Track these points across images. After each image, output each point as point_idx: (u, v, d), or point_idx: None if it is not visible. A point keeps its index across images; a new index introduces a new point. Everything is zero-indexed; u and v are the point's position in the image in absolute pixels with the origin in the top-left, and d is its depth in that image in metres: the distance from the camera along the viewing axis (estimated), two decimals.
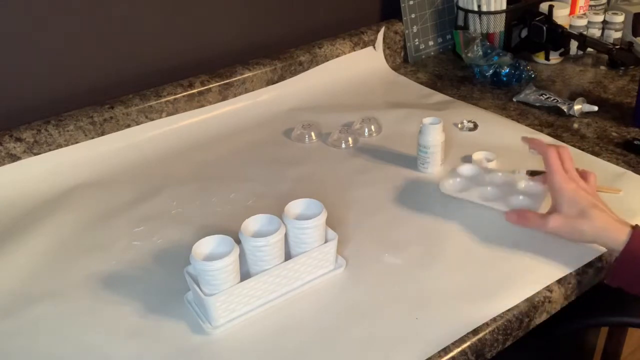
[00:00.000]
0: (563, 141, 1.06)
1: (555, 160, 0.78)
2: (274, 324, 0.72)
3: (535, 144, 0.81)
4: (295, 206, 0.78)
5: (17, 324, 0.74)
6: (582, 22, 1.36)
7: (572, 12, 1.38)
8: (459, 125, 1.11)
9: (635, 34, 1.38)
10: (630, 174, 0.96)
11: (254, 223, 0.75)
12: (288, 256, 0.76)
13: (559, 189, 0.76)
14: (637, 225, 0.73)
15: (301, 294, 0.76)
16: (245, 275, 0.73)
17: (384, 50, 1.37)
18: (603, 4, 1.44)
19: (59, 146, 1.04)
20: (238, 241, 0.72)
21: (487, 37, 1.37)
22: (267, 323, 0.72)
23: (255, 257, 0.73)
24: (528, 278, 0.77)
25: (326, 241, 0.77)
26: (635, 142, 1.03)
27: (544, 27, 1.31)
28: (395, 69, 1.37)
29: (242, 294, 0.72)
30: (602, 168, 0.98)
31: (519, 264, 0.79)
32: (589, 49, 1.36)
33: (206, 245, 0.72)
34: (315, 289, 0.77)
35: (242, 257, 0.74)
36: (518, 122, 1.13)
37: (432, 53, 1.44)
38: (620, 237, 0.72)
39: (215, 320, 0.71)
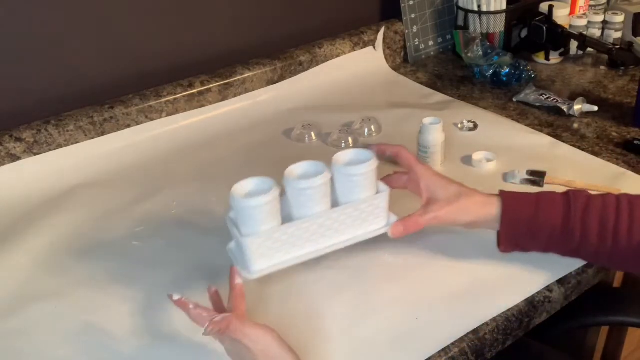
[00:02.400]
0: (563, 141, 1.06)
1: (410, 154, 0.76)
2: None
3: (381, 148, 0.76)
4: (344, 155, 0.72)
5: (17, 324, 0.75)
6: (582, 22, 1.36)
7: (572, 12, 1.38)
8: (459, 125, 1.11)
9: (635, 34, 1.38)
10: (630, 174, 0.96)
11: (299, 169, 0.70)
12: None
13: (430, 178, 0.74)
14: (500, 190, 0.75)
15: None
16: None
17: (384, 50, 1.37)
18: (603, 4, 1.44)
19: (59, 146, 1.04)
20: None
21: (487, 37, 1.37)
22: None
23: (298, 202, 0.69)
24: (528, 278, 0.77)
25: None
26: (635, 142, 1.03)
27: (544, 27, 1.31)
28: (395, 69, 1.37)
29: (281, 239, 0.69)
30: (602, 168, 0.98)
31: (519, 263, 0.79)
32: (589, 49, 1.36)
33: (246, 185, 0.69)
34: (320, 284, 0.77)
35: (286, 206, 0.70)
36: (518, 122, 1.13)
37: (432, 53, 1.44)
38: (494, 206, 0.73)
39: (253, 263, 0.68)
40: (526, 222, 0.72)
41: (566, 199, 0.72)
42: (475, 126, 1.11)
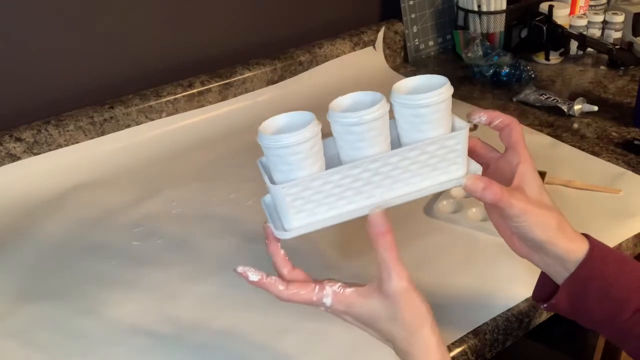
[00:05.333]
0: (563, 141, 1.06)
1: (522, 132, 0.63)
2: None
3: (492, 114, 0.64)
4: (408, 82, 0.56)
5: (16, 324, 0.75)
6: (582, 22, 1.36)
7: (572, 12, 1.38)
8: None
9: (635, 34, 1.38)
10: (630, 174, 0.96)
11: (348, 100, 0.56)
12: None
13: (532, 169, 0.60)
14: (589, 236, 0.60)
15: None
16: None
17: (384, 50, 1.37)
18: (603, 4, 1.43)
19: (59, 146, 1.04)
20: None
21: (487, 37, 1.37)
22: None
23: (345, 143, 0.54)
24: (528, 278, 0.77)
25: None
26: (635, 142, 1.03)
27: (544, 27, 1.31)
28: (395, 69, 1.37)
29: (323, 189, 0.54)
30: (602, 168, 0.98)
31: (519, 263, 0.79)
32: (589, 49, 1.36)
33: (278, 121, 0.56)
34: None
35: (331, 149, 0.56)
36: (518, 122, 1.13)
37: (432, 53, 1.44)
38: (578, 248, 0.58)
39: (287, 219, 0.55)
40: (603, 280, 0.57)
41: None
42: (475, 126, 1.11)
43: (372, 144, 0.54)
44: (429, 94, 0.53)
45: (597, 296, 0.58)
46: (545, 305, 0.62)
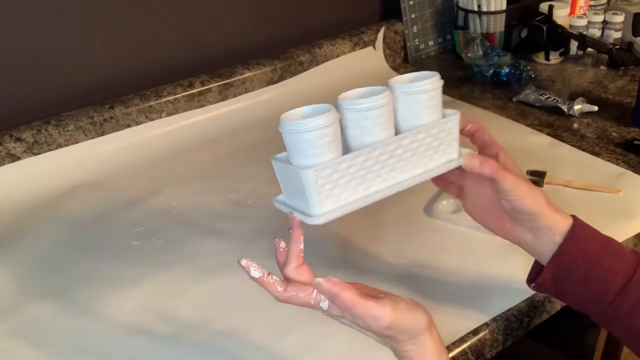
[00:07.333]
0: (563, 141, 1.06)
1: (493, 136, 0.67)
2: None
3: (462, 123, 0.66)
4: (403, 77, 0.63)
5: (16, 324, 0.75)
6: (582, 22, 1.36)
7: (572, 12, 1.38)
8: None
9: (635, 34, 1.38)
10: (630, 174, 0.96)
11: (354, 94, 0.60)
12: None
13: (510, 158, 0.64)
14: (574, 215, 0.63)
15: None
16: None
17: (384, 50, 1.37)
18: (603, 4, 1.43)
19: (59, 146, 1.04)
20: None
21: (487, 37, 1.37)
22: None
23: (358, 129, 0.57)
24: None
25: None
26: (635, 142, 1.03)
27: (544, 27, 1.31)
28: (395, 69, 1.37)
29: (349, 172, 0.56)
30: (602, 168, 0.98)
31: (518, 263, 0.79)
32: (589, 49, 1.36)
33: (298, 112, 0.58)
34: None
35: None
36: (518, 122, 1.13)
37: (432, 53, 1.44)
38: (565, 219, 0.61)
39: (316, 205, 0.55)
40: (585, 260, 0.60)
41: (636, 256, 0.61)
42: None
43: (385, 128, 0.57)
44: (428, 80, 0.59)
45: (580, 277, 0.60)
46: (533, 285, 0.65)
